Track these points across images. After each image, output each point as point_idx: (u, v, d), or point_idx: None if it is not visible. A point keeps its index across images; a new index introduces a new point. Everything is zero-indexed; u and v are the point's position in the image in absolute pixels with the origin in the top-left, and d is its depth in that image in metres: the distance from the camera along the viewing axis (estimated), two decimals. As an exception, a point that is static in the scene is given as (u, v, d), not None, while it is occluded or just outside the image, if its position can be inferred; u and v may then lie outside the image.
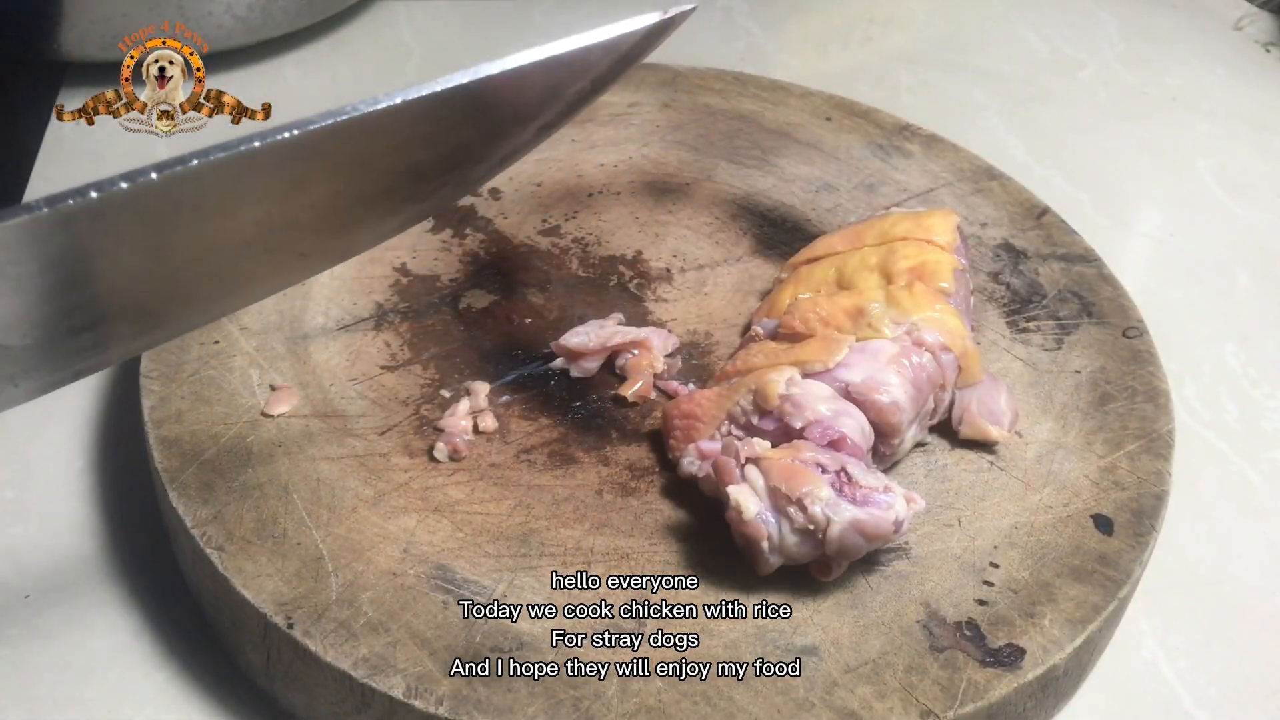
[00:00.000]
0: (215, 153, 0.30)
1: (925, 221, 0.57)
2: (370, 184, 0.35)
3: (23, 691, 0.46)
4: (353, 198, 0.35)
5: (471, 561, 0.46)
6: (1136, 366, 0.57)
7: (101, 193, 0.28)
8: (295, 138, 0.31)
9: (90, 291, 0.31)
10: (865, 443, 0.47)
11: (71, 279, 0.30)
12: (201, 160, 0.30)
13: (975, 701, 0.42)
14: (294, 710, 0.45)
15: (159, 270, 0.32)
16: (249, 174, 0.31)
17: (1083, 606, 0.46)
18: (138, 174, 0.29)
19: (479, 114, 0.35)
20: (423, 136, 0.34)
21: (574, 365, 0.55)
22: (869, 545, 0.44)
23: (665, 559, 0.47)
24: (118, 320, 0.33)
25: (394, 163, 0.35)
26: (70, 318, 0.31)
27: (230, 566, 0.45)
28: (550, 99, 0.36)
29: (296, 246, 0.36)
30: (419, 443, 0.51)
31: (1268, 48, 1.01)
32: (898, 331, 0.51)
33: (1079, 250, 0.65)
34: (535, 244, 0.63)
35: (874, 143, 0.73)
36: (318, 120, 0.32)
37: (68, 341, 0.32)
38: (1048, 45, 0.99)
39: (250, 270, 0.36)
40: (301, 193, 0.33)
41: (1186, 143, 0.88)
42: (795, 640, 0.44)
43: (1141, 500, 0.50)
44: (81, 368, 0.34)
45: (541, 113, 0.37)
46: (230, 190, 0.31)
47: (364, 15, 0.94)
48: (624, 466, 0.51)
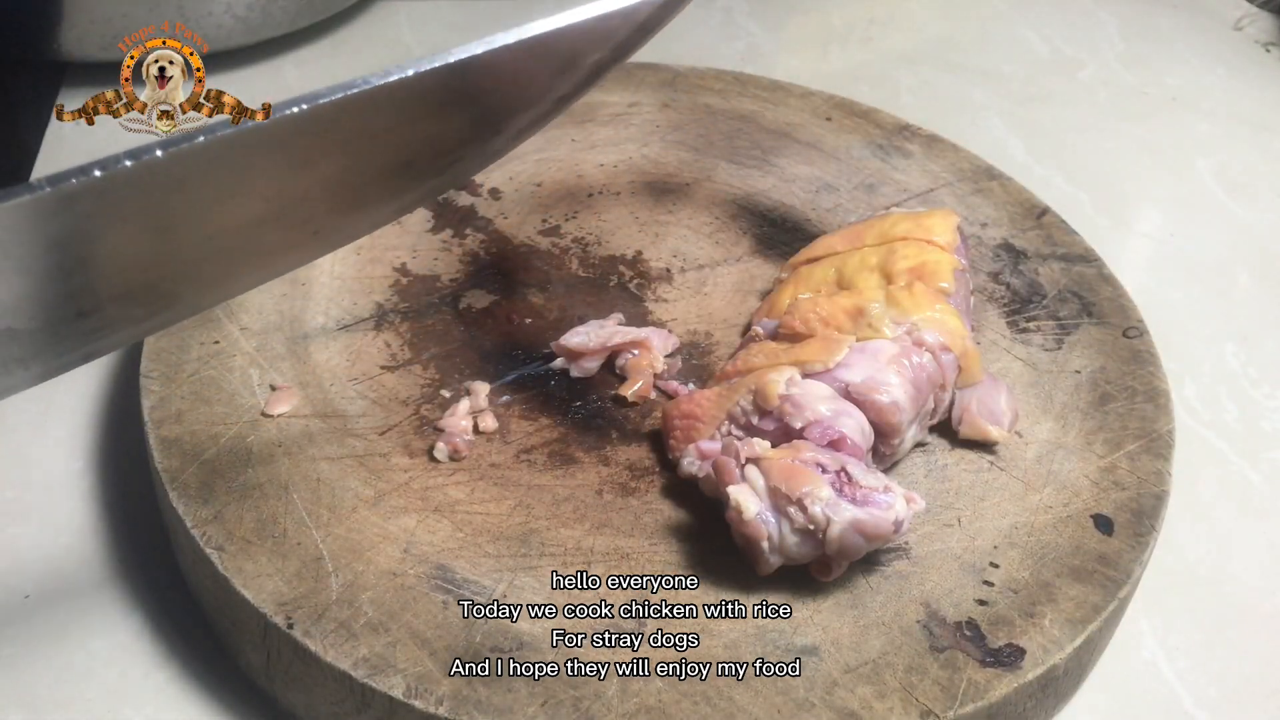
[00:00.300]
0: (222, 129, 0.30)
1: (925, 221, 0.57)
2: (384, 158, 0.34)
3: (23, 691, 0.46)
4: (366, 173, 0.34)
5: (471, 561, 0.46)
6: (1136, 366, 0.57)
7: (105, 171, 0.28)
8: (304, 113, 0.30)
9: (97, 272, 0.30)
10: (865, 443, 0.47)
11: (77, 260, 0.29)
12: (208, 137, 0.29)
13: (975, 701, 0.42)
14: (294, 710, 0.45)
15: (167, 250, 0.31)
16: (257, 150, 0.30)
17: (1083, 606, 0.46)
18: (142, 151, 0.28)
19: (495, 85, 0.34)
20: (437, 108, 0.33)
21: (574, 365, 0.55)
22: (869, 545, 0.44)
23: (665, 559, 0.47)
24: (126, 301, 0.32)
25: (408, 136, 0.34)
26: (78, 299, 0.30)
27: (230, 566, 0.45)
28: (568, 68, 0.35)
29: (309, 223, 0.35)
30: (419, 443, 0.51)
31: (1268, 48, 1.01)
32: (898, 331, 0.51)
33: (1079, 250, 0.65)
34: (535, 244, 0.63)
35: (874, 143, 0.73)
36: (326, 94, 0.31)
37: (76, 324, 0.31)
38: (1048, 45, 0.99)
39: (261, 248, 0.34)
40: (312, 169, 0.32)
41: (1186, 143, 0.88)
42: (795, 640, 0.44)
43: (1141, 500, 0.50)
44: (91, 350, 0.33)
45: (560, 83, 0.36)
46: (237, 167, 0.30)
47: (364, 15, 0.94)
48: (624, 466, 0.51)
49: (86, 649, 0.48)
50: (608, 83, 0.75)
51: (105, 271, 0.31)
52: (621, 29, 0.35)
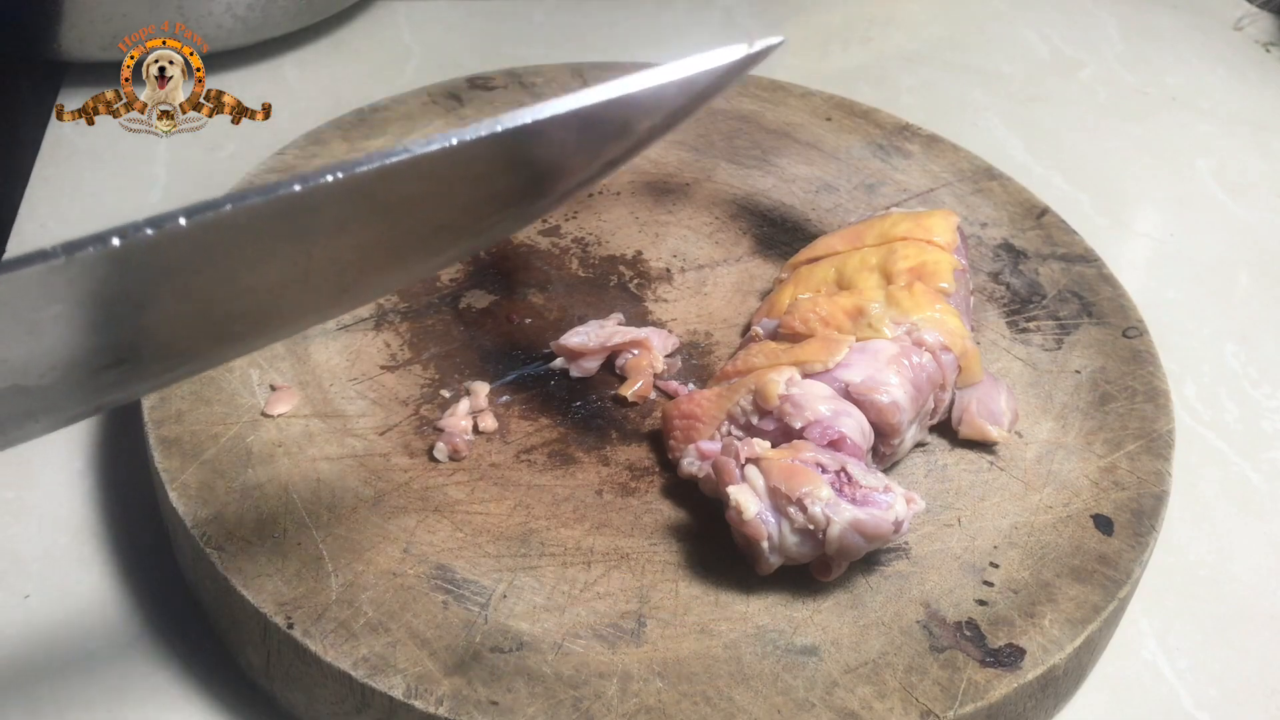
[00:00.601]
0: (251, 197, 0.28)
1: (925, 221, 0.57)
2: (422, 224, 0.32)
3: (23, 691, 0.46)
4: (401, 237, 0.32)
5: (471, 561, 0.46)
6: (1136, 366, 0.57)
7: (125, 239, 0.26)
8: (339, 181, 0.28)
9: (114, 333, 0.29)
10: (865, 443, 0.47)
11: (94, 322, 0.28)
12: (235, 205, 0.27)
13: (975, 701, 0.42)
14: (294, 710, 0.45)
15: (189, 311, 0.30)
16: (287, 218, 0.29)
17: (1083, 606, 0.46)
18: (165, 219, 0.26)
19: (542, 152, 0.32)
20: (478, 176, 0.32)
21: (574, 365, 0.55)
22: (869, 545, 0.44)
23: (665, 559, 0.47)
24: (145, 359, 0.31)
25: (448, 203, 0.32)
26: (94, 358, 0.29)
27: (230, 566, 0.45)
28: (620, 135, 0.33)
29: (339, 283, 0.33)
30: (419, 443, 0.51)
31: (1268, 48, 1.01)
32: (898, 331, 0.51)
33: (1079, 250, 0.65)
34: (535, 244, 0.63)
35: (874, 143, 0.73)
36: (365, 162, 0.29)
37: (91, 380, 0.30)
38: (1048, 45, 0.99)
39: (288, 307, 0.33)
40: (346, 235, 0.30)
41: (1186, 143, 0.88)
42: (795, 640, 0.44)
43: (1141, 500, 0.50)
44: (105, 402, 0.32)
45: (609, 149, 0.34)
46: (266, 234, 0.29)
47: (364, 15, 0.94)
48: (624, 466, 0.51)
49: (86, 649, 0.48)
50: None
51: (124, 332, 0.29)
52: (678, 98, 0.33)
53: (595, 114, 0.31)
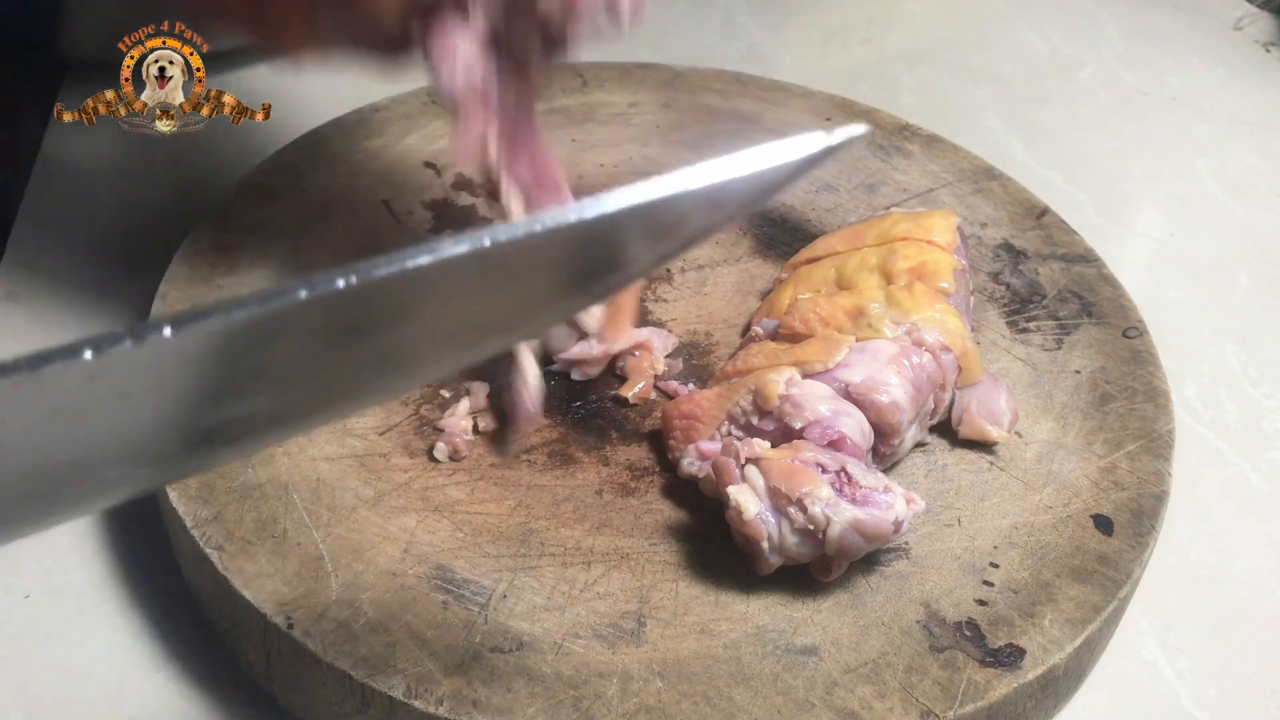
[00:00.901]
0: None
1: (925, 222, 0.57)
2: (452, 325, 0.30)
3: (23, 691, 0.46)
4: (427, 340, 0.31)
5: (471, 561, 0.46)
6: (1136, 366, 0.57)
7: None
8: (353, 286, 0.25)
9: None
10: (865, 443, 0.47)
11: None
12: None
13: (975, 701, 0.42)
14: (294, 710, 0.45)
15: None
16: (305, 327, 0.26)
17: (1083, 606, 0.46)
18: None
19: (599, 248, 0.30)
20: (525, 274, 0.29)
21: (575, 368, 0.55)
22: (869, 545, 0.44)
23: (665, 559, 0.47)
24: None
25: (482, 304, 0.30)
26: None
27: (230, 566, 0.45)
28: (674, 231, 0.31)
29: (351, 384, 0.32)
30: (419, 443, 0.51)
31: (1268, 48, 1.01)
32: (898, 331, 0.51)
33: (1079, 250, 0.65)
34: (535, 244, 0.63)
35: (874, 143, 0.73)
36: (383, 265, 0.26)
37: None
38: (1048, 45, 0.99)
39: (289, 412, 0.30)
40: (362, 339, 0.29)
41: (1186, 143, 0.88)
42: (795, 640, 0.44)
43: (1141, 500, 0.50)
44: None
45: (663, 244, 0.31)
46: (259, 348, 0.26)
47: (364, 15, 0.94)
48: (624, 466, 0.51)
49: (86, 649, 0.48)
50: (608, 83, 0.75)
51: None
52: (744, 193, 0.31)
53: (652, 209, 0.29)
